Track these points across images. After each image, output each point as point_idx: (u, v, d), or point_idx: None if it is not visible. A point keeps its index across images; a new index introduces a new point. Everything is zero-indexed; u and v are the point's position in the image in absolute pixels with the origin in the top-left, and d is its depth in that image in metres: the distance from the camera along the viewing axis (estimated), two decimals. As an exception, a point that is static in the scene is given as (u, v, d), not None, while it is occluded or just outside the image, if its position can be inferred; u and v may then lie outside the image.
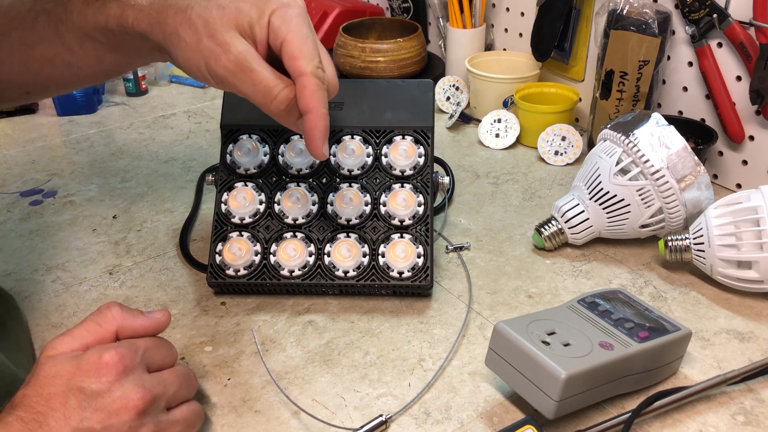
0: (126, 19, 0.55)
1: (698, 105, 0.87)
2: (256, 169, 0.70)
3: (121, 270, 0.74)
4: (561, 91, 0.99)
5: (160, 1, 0.54)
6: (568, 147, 0.93)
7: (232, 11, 0.52)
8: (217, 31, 0.52)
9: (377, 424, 0.53)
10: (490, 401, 0.57)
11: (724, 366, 0.60)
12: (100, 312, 0.50)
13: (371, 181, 0.70)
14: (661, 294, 0.69)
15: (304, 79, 0.52)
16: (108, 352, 0.46)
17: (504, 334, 0.53)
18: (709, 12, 0.80)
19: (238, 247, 0.67)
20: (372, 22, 1.20)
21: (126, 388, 0.45)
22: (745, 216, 0.64)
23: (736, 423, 0.54)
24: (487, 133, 0.99)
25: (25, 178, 0.92)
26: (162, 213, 0.84)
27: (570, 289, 0.69)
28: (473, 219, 0.81)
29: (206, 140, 1.02)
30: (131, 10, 0.54)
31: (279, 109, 0.54)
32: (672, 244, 0.69)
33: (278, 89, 0.53)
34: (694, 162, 0.68)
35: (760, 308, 0.66)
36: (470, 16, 1.08)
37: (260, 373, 0.60)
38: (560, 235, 0.74)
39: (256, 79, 0.52)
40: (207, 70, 0.53)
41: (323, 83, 0.53)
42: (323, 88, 0.53)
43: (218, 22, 0.52)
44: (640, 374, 0.56)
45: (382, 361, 0.61)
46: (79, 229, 0.81)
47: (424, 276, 0.66)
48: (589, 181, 0.72)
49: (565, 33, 1.00)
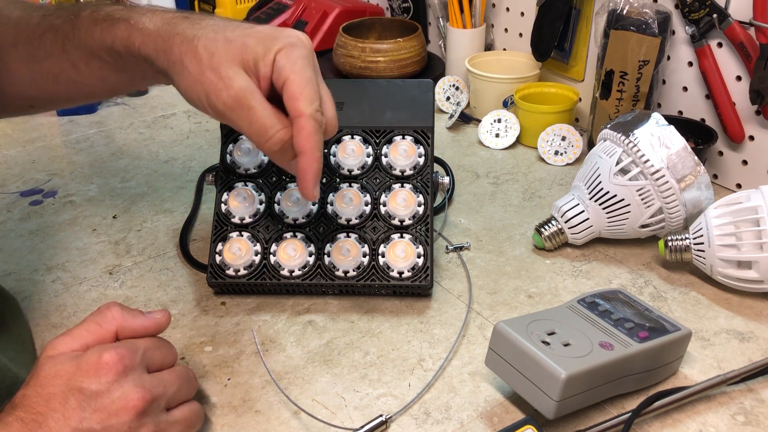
0: (132, 42, 0.55)
1: (698, 105, 0.87)
2: (256, 169, 0.70)
3: (121, 270, 0.74)
4: (561, 91, 0.99)
5: (168, 28, 0.54)
6: (568, 147, 0.93)
7: (238, 46, 0.53)
8: (221, 65, 0.52)
9: (377, 424, 0.53)
10: (490, 401, 0.57)
11: (724, 366, 0.60)
12: (100, 312, 0.50)
13: (371, 181, 0.70)
14: (661, 294, 0.69)
15: (301, 121, 0.52)
16: (107, 352, 0.46)
17: (504, 334, 0.53)
18: (709, 12, 0.80)
19: (238, 247, 0.67)
20: (372, 22, 1.20)
21: (125, 389, 0.45)
22: (745, 216, 0.64)
23: (736, 423, 0.54)
24: (487, 133, 0.99)
25: (25, 178, 0.92)
26: (162, 213, 0.84)
27: (570, 289, 0.69)
28: (473, 219, 0.81)
29: (206, 140, 1.02)
30: (138, 33, 0.55)
31: (272, 149, 0.54)
32: (672, 244, 0.69)
33: (274, 130, 0.53)
34: (694, 162, 0.68)
35: (760, 308, 0.66)
36: (470, 16, 1.08)
37: (260, 373, 0.60)
38: (560, 235, 0.74)
39: (254, 117, 0.52)
40: (207, 101, 0.53)
41: (320, 126, 0.54)
42: (320, 131, 0.53)
43: (223, 55, 0.52)
44: (640, 374, 0.56)
45: (382, 361, 0.61)
46: (79, 229, 0.81)
47: (424, 276, 0.66)
48: (589, 181, 0.72)
49: (565, 33, 1.00)
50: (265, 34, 0.54)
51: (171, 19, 0.55)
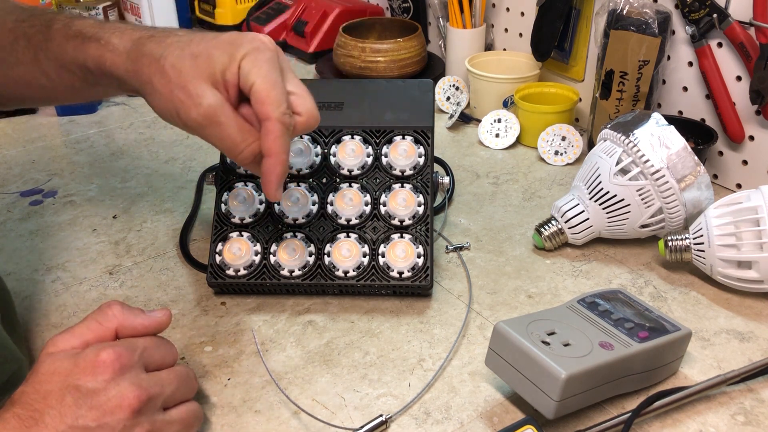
0: (104, 62, 0.56)
1: (698, 105, 0.87)
2: (256, 169, 0.70)
3: (121, 270, 0.74)
4: (561, 91, 0.99)
5: (136, 49, 0.55)
6: (568, 147, 0.93)
7: (204, 60, 0.53)
8: (189, 82, 0.53)
9: (377, 424, 0.53)
10: (490, 401, 0.57)
11: (724, 366, 0.60)
12: (101, 310, 0.50)
13: (371, 181, 0.70)
14: (661, 294, 0.69)
15: (269, 124, 0.53)
16: (105, 350, 0.46)
17: (504, 334, 0.53)
18: (709, 12, 0.80)
19: (238, 247, 0.67)
20: (372, 22, 1.20)
21: (122, 387, 0.45)
22: (745, 216, 0.64)
23: (736, 423, 0.54)
24: (487, 133, 0.99)
25: (25, 178, 0.92)
26: (162, 213, 0.84)
27: (570, 289, 0.69)
28: (473, 219, 0.81)
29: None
30: (109, 54, 0.56)
31: (244, 162, 0.56)
32: (672, 244, 0.69)
33: (245, 144, 0.54)
34: (694, 162, 0.68)
35: (760, 308, 0.66)
36: (470, 16, 1.08)
37: (260, 373, 0.60)
38: (560, 235, 0.74)
39: (224, 133, 0.54)
40: (179, 119, 0.54)
41: (288, 129, 0.54)
42: (287, 134, 0.54)
43: (191, 72, 0.53)
44: (640, 374, 0.56)
45: (382, 361, 0.61)
46: (79, 229, 0.81)
47: (424, 276, 0.66)
48: (589, 181, 0.72)
49: (565, 33, 1.00)
50: (229, 42, 0.54)
51: (138, 39, 0.56)
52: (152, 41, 0.55)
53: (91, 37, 0.57)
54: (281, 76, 0.54)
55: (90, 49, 0.56)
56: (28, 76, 0.61)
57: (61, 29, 0.58)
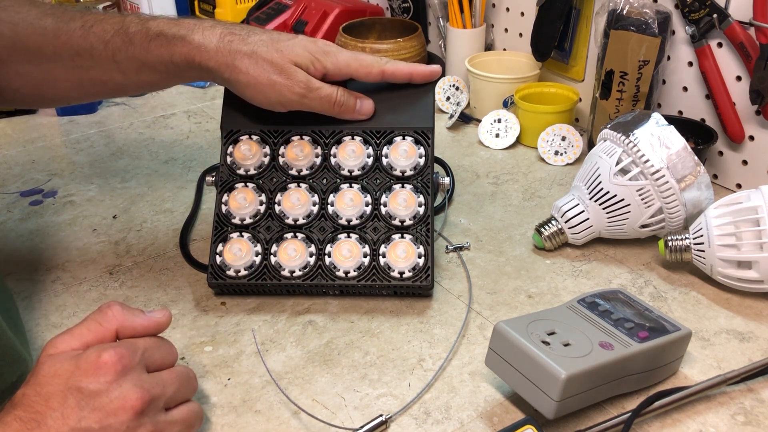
0: (193, 58, 0.64)
1: (698, 105, 0.87)
2: (256, 170, 0.70)
3: (121, 270, 0.74)
4: (561, 91, 0.99)
5: (224, 45, 0.64)
6: (568, 147, 0.93)
7: (289, 53, 0.65)
8: (283, 68, 0.65)
9: (377, 424, 0.53)
10: (490, 401, 0.57)
11: (724, 366, 0.60)
12: (101, 311, 0.50)
13: (372, 182, 0.70)
14: (661, 294, 0.69)
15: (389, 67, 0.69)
16: (107, 351, 0.46)
17: (504, 334, 0.53)
18: (709, 12, 0.80)
19: (239, 247, 0.67)
20: (372, 22, 1.19)
21: (124, 388, 0.45)
22: (745, 216, 0.64)
23: (736, 423, 0.54)
24: (487, 133, 0.99)
25: (25, 178, 0.92)
26: (162, 213, 0.84)
27: (570, 289, 0.69)
28: (473, 219, 0.81)
29: (206, 140, 1.02)
30: (197, 50, 0.64)
31: (339, 108, 0.68)
32: (672, 244, 0.69)
33: (337, 94, 0.68)
34: (694, 162, 0.68)
35: (760, 308, 0.66)
36: (470, 16, 1.08)
37: (260, 373, 0.60)
38: (560, 235, 0.74)
39: (322, 93, 0.67)
40: (279, 99, 0.66)
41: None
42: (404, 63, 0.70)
43: (281, 61, 0.65)
44: (640, 374, 0.56)
45: (382, 361, 0.61)
46: (79, 229, 0.81)
47: (424, 276, 0.66)
48: (589, 181, 0.72)
49: (565, 33, 1.00)
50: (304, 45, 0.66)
51: (221, 36, 0.65)
52: (236, 39, 0.65)
53: (174, 36, 0.64)
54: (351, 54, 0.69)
55: (176, 47, 0.64)
56: (104, 77, 0.67)
57: (142, 31, 0.65)
